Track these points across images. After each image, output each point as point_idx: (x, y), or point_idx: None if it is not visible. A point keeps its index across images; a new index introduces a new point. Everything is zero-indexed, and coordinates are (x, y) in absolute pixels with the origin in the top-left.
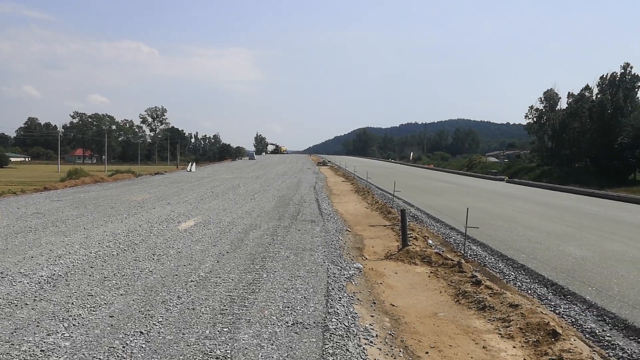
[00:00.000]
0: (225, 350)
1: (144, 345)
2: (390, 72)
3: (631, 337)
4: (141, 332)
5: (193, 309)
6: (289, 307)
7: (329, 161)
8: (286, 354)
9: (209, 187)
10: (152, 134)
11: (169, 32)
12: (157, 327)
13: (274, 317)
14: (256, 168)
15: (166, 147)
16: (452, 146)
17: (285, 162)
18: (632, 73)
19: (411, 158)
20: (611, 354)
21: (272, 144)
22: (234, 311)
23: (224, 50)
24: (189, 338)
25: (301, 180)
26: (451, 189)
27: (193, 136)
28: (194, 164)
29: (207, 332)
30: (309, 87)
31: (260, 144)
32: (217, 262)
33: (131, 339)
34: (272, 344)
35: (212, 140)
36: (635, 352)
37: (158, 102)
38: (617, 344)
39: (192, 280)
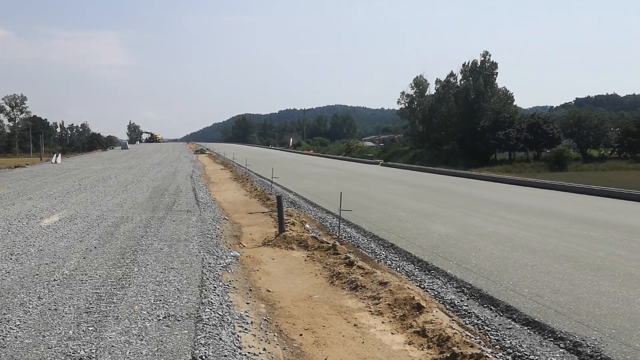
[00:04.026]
0: (90, 350)
1: None
2: (268, 58)
3: (485, 305)
4: None
5: (55, 309)
6: (160, 300)
7: (207, 149)
8: (156, 349)
9: (76, 179)
10: (11, 124)
11: (25, 13)
12: (15, 331)
13: (145, 312)
14: (129, 158)
15: (28, 138)
16: (330, 132)
17: (161, 151)
18: (491, 60)
19: (291, 144)
20: (467, 322)
21: (146, 132)
22: (100, 309)
23: (91, 33)
24: (50, 340)
25: (178, 170)
26: (329, 173)
27: (59, 125)
28: (60, 155)
29: (71, 332)
30: (185, 72)
31: (134, 132)
32: (84, 258)
33: None
34: (142, 340)
35: (81, 130)
36: (488, 318)
37: (17, 89)
38: (473, 312)
39: (54, 279)
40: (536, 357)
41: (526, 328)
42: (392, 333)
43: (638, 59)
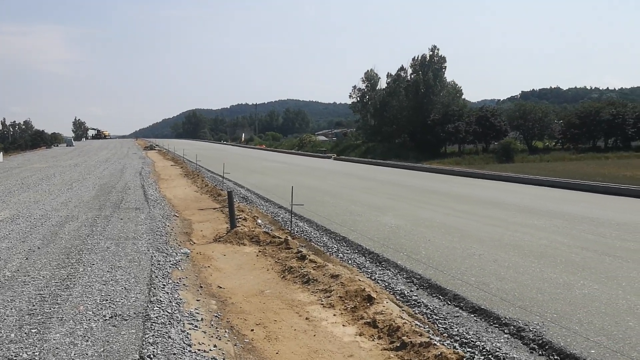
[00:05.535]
0: (34, 352)
1: None
2: (219, 52)
3: (434, 295)
4: None
5: None
6: (107, 300)
7: (157, 145)
8: (102, 349)
9: (18, 178)
10: None
11: None
12: None
13: (90, 312)
14: (75, 155)
15: None
16: (283, 126)
17: (108, 147)
18: (439, 55)
19: (243, 139)
20: (417, 311)
21: (93, 129)
22: (44, 310)
23: (31, 27)
24: None
25: (126, 166)
26: (282, 168)
27: (0, 123)
28: (1, 153)
29: (12, 335)
30: (132, 67)
31: (80, 129)
32: (26, 259)
33: None
34: (87, 341)
35: (24, 127)
36: (436, 308)
37: None
38: (422, 301)
39: None
40: (482, 343)
41: (473, 315)
42: (343, 325)
43: (579, 53)
